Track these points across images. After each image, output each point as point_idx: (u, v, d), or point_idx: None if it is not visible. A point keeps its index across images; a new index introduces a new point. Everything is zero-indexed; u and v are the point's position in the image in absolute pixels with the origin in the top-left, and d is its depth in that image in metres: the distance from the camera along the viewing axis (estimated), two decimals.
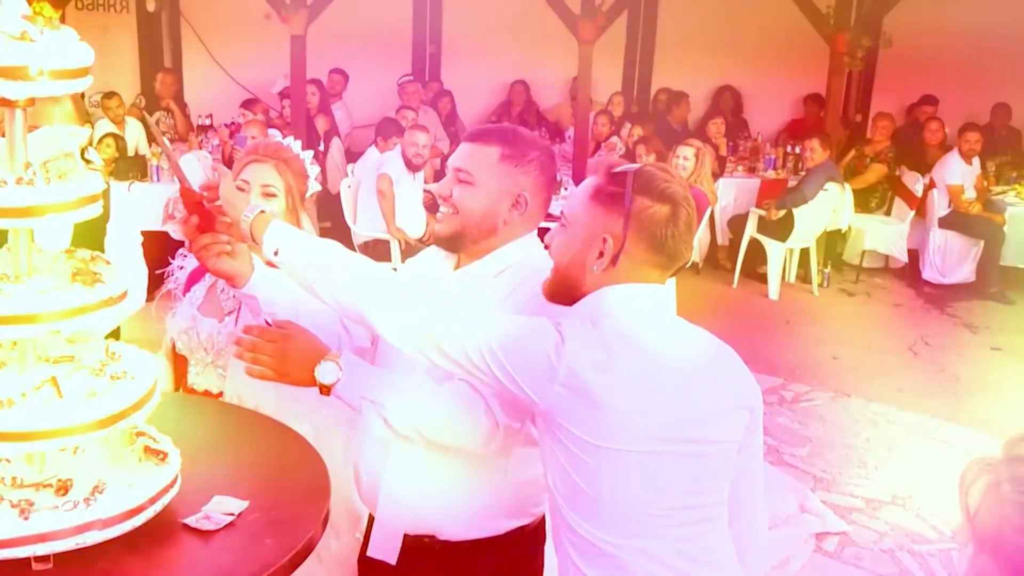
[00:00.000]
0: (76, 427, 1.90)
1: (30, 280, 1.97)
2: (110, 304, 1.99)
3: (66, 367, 2.06)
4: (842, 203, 8.80)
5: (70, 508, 1.92)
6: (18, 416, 1.87)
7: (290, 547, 2.03)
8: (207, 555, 2.03)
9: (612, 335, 1.98)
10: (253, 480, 2.28)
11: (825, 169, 8.51)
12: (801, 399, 6.48)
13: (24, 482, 2.00)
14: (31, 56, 1.83)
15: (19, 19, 1.85)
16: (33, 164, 1.93)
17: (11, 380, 1.99)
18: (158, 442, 2.18)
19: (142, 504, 2.00)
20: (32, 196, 1.88)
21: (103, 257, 2.10)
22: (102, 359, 2.11)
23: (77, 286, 1.94)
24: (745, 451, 2.08)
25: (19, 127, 1.95)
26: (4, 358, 2.07)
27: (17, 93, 1.85)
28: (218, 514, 2.10)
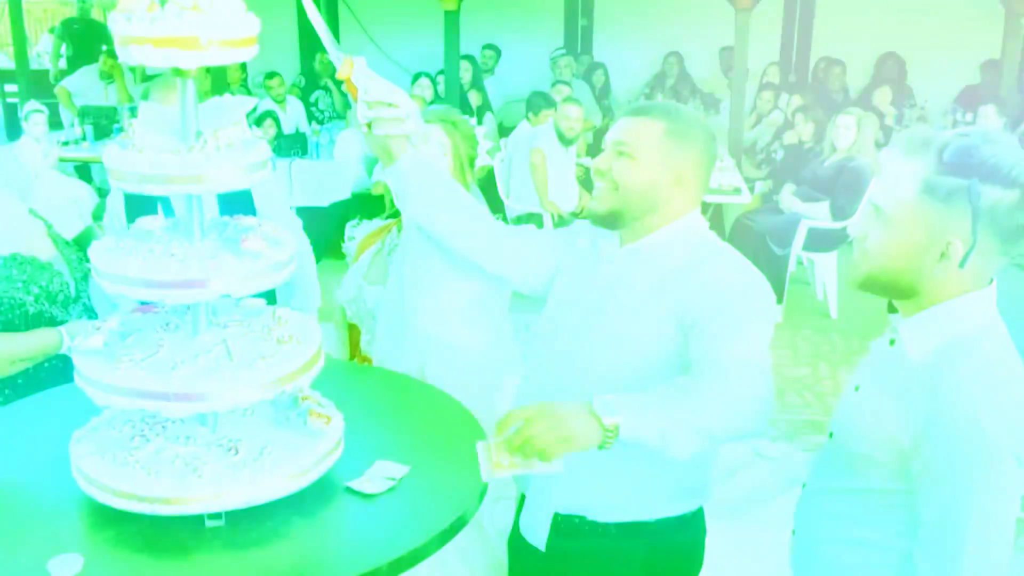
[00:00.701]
0: (245, 389, 1.94)
1: (202, 246, 2.03)
2: (278, 269, 2.03)
3: (236, 331, 2.11)
4: None
5: (240, 467, 1.97)
6: (191, 378, 1.93)
7: (451, 512, 2.04)
8: (369, 517, 2.06)
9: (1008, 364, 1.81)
10: (414, 446, 2.30)
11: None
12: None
13: (198, 441, 2.07)
14: (202, 26, 1.88)
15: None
16: (204, 133, 1.98)
17: (185, 343, 2.06)
18: (323, 406, 2.21)
19: (308, 466, 2.04)
20: (203, 163, 1.93)
21: (270, 223, 2.14)
22: (269, 324, 2.16)
23: (247, 251, 1.99)
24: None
25: (190, 96, 2.00)
26: (178, 322, 2.15)
27: (189, 62, 1.90)
28: (380, 478, 2.13)
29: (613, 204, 2.29)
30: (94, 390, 1.97)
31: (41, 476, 2.15)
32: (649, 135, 2.26)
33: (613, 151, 2.30)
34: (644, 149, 2.26)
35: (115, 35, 1.93)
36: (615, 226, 2.33)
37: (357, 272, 2.94)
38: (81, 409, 2.16)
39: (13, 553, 1.90)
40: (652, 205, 2.28)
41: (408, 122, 2.33)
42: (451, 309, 2.58)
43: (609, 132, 2.35)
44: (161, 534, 1.94)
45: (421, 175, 2.40)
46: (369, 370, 2.73)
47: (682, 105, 2.43)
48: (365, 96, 2.28)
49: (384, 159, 2.40)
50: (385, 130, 2.33)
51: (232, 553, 1.92)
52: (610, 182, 2.28)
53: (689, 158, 2.28)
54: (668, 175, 2.26)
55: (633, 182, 2.26)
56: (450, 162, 2.79)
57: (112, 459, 2.00)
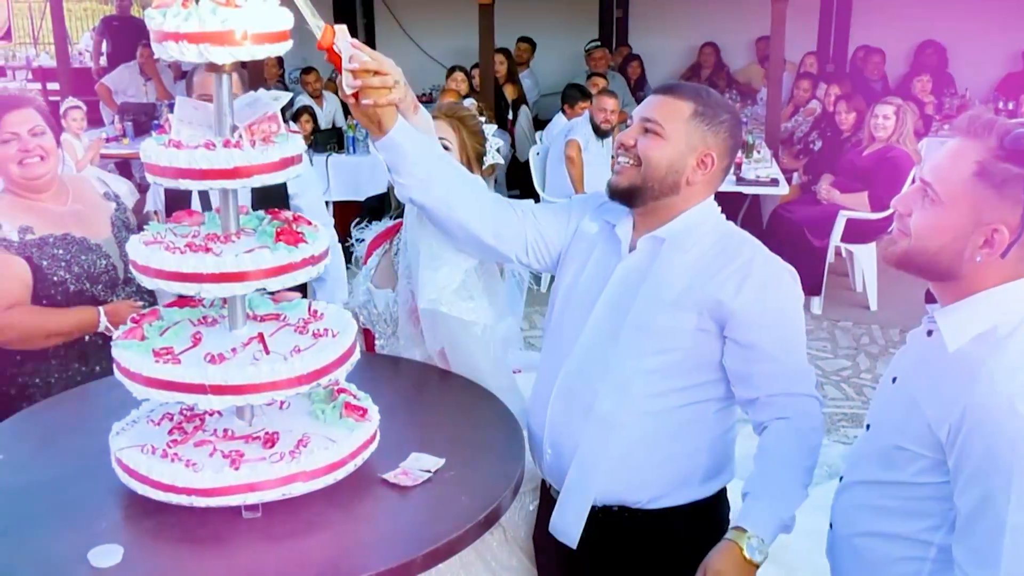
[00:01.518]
0: (282, 382, 1.96)
1: (238, 240, 2.04)
2: (313, 263, 2.04)
3: (272, 324, 2.13)
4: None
5: (277, 460, 1.99)
6: (228, 371, 1.95)
7: (485, 505, 2.05)
8: (404, 510, 2.07)
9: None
10: (449, 438, 2.30)
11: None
12: None
13: (235, 434, 2.09)
14: (237, 21, 1.89)
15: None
16: (239, 127, 2.00)
17: (221, 337, 2.07)
18: (358, 399, 2.23)
19: (344, 458, 2.06)
20: (239, 158, 1.94)
21: (305, 218, 2.16)
22: (305, 317, 2.17)
23: (281, 246, 2.00)
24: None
25: (226, 91, 2.02)
26: (215, 315, 2.16)
27: (224, 58, 1.91)
28: (415, 470, 2.14)
29: (635, 180, 2.28)
30: (133, 383, 2.00)
31: (81, 468, 2.18)
32: (678, 114, 2.26)
33: (640, 127, 2.29)
34: (672, 128, 2.25)
35: (151, 31, 1.95)
36: (633, 203, 2.31)
37: (365, 276, 2.93)
38: (120, 402, 2.19)
39: (55, 543, 1.93)
40: (673, 186, 2.27)
41: (396, 90, 2.22)
42: (450, 285, 2.55)
43: (638, 108, 2.34)
44: (199, 525, 1.97)
45: (413, 145, 2.28)
46: (403, 364, 2.73)
47: (712, 89, 2.39)
48: (349, 65, 2.16)
49: (373, 131, 2.27)
50: (373, 99, 2.19)
51: (268, 544, 1.94)
52: (634, 157, 2.27)
53: (716, 142, 2.27)
54: (693, 156, 2.26)
55: (658, 160, 2.25)
56: (458, 157, 2.74)
57: (151, 452, 2.03)
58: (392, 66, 2.21)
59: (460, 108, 2.88)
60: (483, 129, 2.84)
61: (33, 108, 3.09)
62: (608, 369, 2.27)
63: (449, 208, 2.36)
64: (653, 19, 11.63)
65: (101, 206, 3.24)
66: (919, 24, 10.68)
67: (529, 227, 2.45)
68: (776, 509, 2.15)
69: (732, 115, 2.33)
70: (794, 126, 9.20)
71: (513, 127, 9.43)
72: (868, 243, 7.05)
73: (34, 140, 3.04)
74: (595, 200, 2.48)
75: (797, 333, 2.29)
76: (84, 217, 3.15)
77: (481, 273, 2.61)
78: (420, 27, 11.86)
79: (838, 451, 4.73)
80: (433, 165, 2.32)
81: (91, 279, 3.07)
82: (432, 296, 2.53)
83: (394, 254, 2.86)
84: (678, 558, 2.33)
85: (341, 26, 2.18)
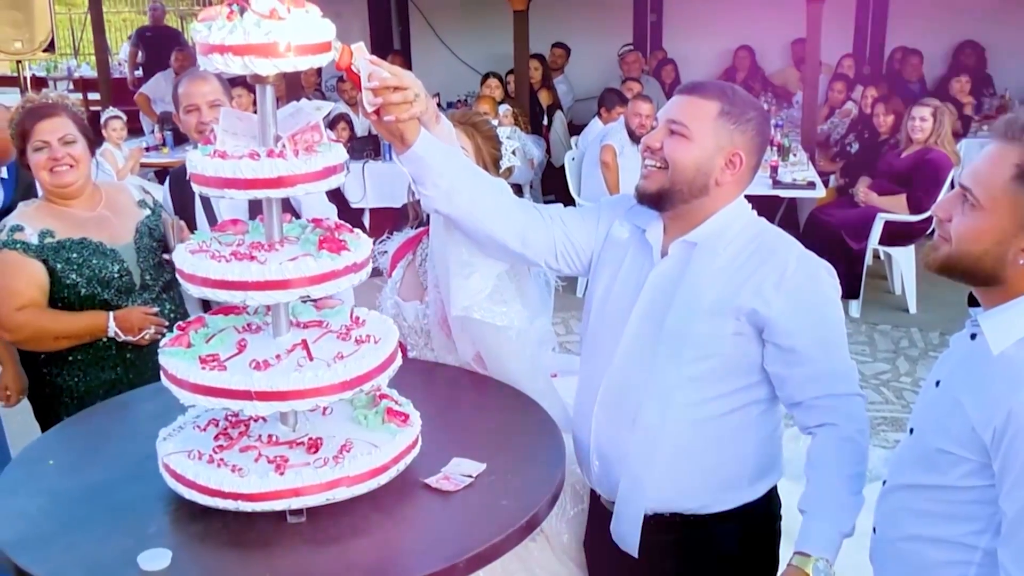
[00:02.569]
0: (325, 388, 1.98)
1: (282, 248, 2.07)
2: (355, 271, 2.07)
3: (315, 331, 2.16)
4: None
5: (321, 465, 2.02)
6: (272, 377, 1.97)
7: (527, 510, 2.06)
8: (447, 514, 2.09)
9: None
10: (489, 443, 2.32)
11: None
12: None
13: (279, 440, 2.12)
14: (280, 33, 1.92)
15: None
16: (282, 137, 2.03)
17: (266, 343, 2.10)
18: (400, 405, 2.25)
19: (386, 464, 2.08)
20: (283, 167, 1.97)
21: (347, 226, 2.18)
22: (347, 323, 2.20)
23: (324, 254, 2.03)
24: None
25: (269, 102, 2.05)
26: (259, 323, 2.20)
27: (268, 69, 1.94)
28: (457, 475, 2.16)
29: (663, 184, 2.25)
30: (180, 390, 2.03)
31: (130, 473, 2.22)
32: (704, 114, 2.23)
33: (665, 128, 2.26)
34: (698, 128, 2.22)
35: (196, 44, 1.99)
36: (663, 207, 2.29)
37: (392, 288, 2.94)
38: (166, 407, 2.23)
39: (105, 547, 1.97)
40: (703, 187, 2.25)
41: (417, 104, 2.21)
42: (483, 290, 2.54)
43: (662, 109, 2.31)
44: (245, 529, 2.00)
45: (436, 157, 2.27)
46: (443, 369, 2.75)
47: (737, 86, 2.36)
48: (368, 84, 2.16)
49: (396, 145, 2.26)
50: (394, 114, 2.18)
51: (313, 548, 1.97)
52: (660, 160, 2.25)
53: (743, 140, 2.24)
54: (721, 157, 2.23)
55: (685, 162, 2.22)
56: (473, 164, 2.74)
57: (197, 457, 2.06)
58: (412, 79, 2.21)
59: (473, 114, 2.89)
60: (497, 134, 2.85)
61: (66, 116, 3.15)
62: (649, 379, 2.27)
63: (474, 217, 2.36)
64: (688, 23, 11.59)
65: (131, 213, 3.28)
66: (957, 24, 10.57)
67: (557, 232, 2.44)
68: (836, 525, 2.17)
69: (759, 112, 2.30)
70: (830, 128, 9.14)
71: (548, 132, 9.44)
72: (907, 246, 6.99)
73: (64, 149, 3.11)
74: (624, 203, 2.45)
75: (837, 332, 2.27)
76: (107, 223, 3.21)
77: (512, 276, 2.61)
78: (455, 34, 11.90)
79: (878, 455, 4.69)
80: (457, 175, 2.32)
81: (102, 283, 3.11)
82: (466, 303, 2.53)
83: (419, 264, 2.86)
84: (732, 560, 2.36)
85: (359, 44, 2.19)
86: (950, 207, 1.86)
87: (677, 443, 2.26)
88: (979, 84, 9.96)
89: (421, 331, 2.85)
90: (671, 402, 2.25)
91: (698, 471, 2.29)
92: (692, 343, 2.23)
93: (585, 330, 2.50)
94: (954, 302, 3.50)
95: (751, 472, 2.34)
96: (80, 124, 3.19)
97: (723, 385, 2.26)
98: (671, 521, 2.34)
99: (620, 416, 2.33)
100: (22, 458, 2.38)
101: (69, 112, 3.19)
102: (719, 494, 2.32)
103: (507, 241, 2.40)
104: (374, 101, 2.17)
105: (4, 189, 3.63)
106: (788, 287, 2.19)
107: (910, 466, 2.00)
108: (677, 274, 2.27)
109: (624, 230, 2.41)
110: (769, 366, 2.25)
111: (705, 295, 2.22)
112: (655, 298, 2.29)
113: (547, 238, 2.43)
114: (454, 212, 2.35)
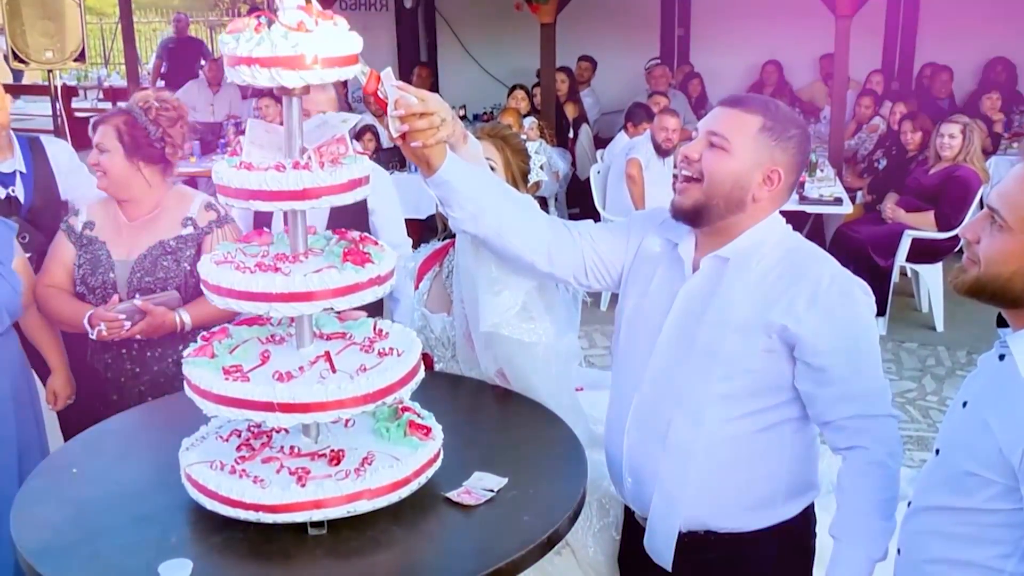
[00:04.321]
0: (347, 400, 1.98)
1: (306, 260, 2.08)
2: (379, 283, 2.07)
3: (338, 343, 2.16)
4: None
5: (342, 478, 2.02)
6: (295, 389, 1.98)
7: (548, 525, 2.05)
8: (468, 528, 2.08)
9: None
10: (511, 458, 2.31)
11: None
12: None
13: (301, 451, 2.12)
14: (307, 45, 1.93)
15: (296, 10, 1.95)
16: (308, 149, 2.03)
17: (289, 355, 2.11)
18: (422, 418, 2.25)
19: (408, 477, 2.07)
20: (308, 179, 1.98)
21: (371, 238, 2.18)
22: (371, 336, 2.20)
23: (349, 266, 2.03)
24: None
25: (296, 114, 2.06)
26: (282, 334, 2.20)
27: (294, 81, 1.95)
28: (478, 489, 2.15)
29: (698, 199, 2.22)
30: (203, 400, 2.04)
31: (152, 483, 2.23)
32: (745, 128, 2.20)
33: (705, 140, 2.23)
34: (738, 142, 2.19)
35: (224, 56, 2.00)
36: (699, 223, 2.26)
37: (418, 301, 2.93)
38: (190, 418, 2.23)
39: (126, 557, 1.97)
40: (740, 202, 2.22)
41: (443, 128, 2.20)
42: (512, 307, 2.54)
43: (703, 120, 2.28)
44: (266, 541, 2.00)
45: (462, 180, 2.27)
46: (466, 383, 2.74)
47: (780, 102, 2.33)
48: (395, 112, 2.16)
49: (423, 168, 2.26)
50: (421, 140, 2.18)
51: (333, 561, 1.97)
52: (696, 172, 2.22)
53: (784, 157, 2.21)
54: (759, 172, 2.20)
55: (722, 176, 2.19)
56: (503, 177, 2.72)
57: (219, 468, 2.06)
58: (438, 104, 2.20)
59: (503, 128, 2.88)
60: (527, 147, 2.84)
61: (111, 126, 3.24)
62: (680, 396, 2.25)
63: (502, 238, 2.35)
64: (715, 37, 11.57)
65: (162, 231, 3.29)
66: (987, 41, 10.50)
67: (586, 248, 2.42)
68: (868, 552, 2.16)
69: (801, 129, 2.26)
70: (857, 144, 9.10)
71: (574, 146, 9.44)
72: (934, 263, 6.93)
73: (98, 156, 3.24)
74: (657, 217, 2.43)
75: (869, 352, 2.23)
76: (129, 235, 3.29)
77: (541, 292, 2.60)
78: (481, 46, 11.93)
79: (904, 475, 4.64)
80: (484, 197, 2.31)
81: (89, 289, 3.27)
82: (495, 320, 2.52)
83: (445, 277, 2.86)
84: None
85: (387, 70, 2.20)
86: (978, 229, 1.84)
87: (709, 461, 2.24)
88: (1010, 101, 9.89)
89: (448, 343, 2.85)
90: (702, 420, 2.23)
91: (731, 489, 2.27)
92: (723, 360, 2.20)
93: (616, 345, 2.48)
94: (982, 321, 3.46)
95: (785, 490, 2.31)
96: (125, 132, 3.23)
97: (755, 403, 2.23)
98: (705, 539, 2.32)
99: (651, 433, 2.31)
100: (46, 467, 2.39)
101: (124, 119, 3.25)
102: (752, 513, 2.30)
103: (535, 261, 2.39)
104: (400, 128, 2.18)
105: (25, 185, 3.73)
106: (821, 305, 2.16)
107: (936, 488, 1.98)
108: (708, 290, 2.25)
109: (656, 244, 2.39)
110: (800, 384, 2.22)
111: (736, 311, 2.19)
112: (686, 313, 2.27)
113: (575, 255, 2.42)
114: (482, 233, 2.35)
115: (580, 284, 2.50)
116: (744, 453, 2.25)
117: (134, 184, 3.27)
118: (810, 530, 2.42)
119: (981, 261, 1.83)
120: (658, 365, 2.30)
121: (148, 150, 3.26)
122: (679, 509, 2.28)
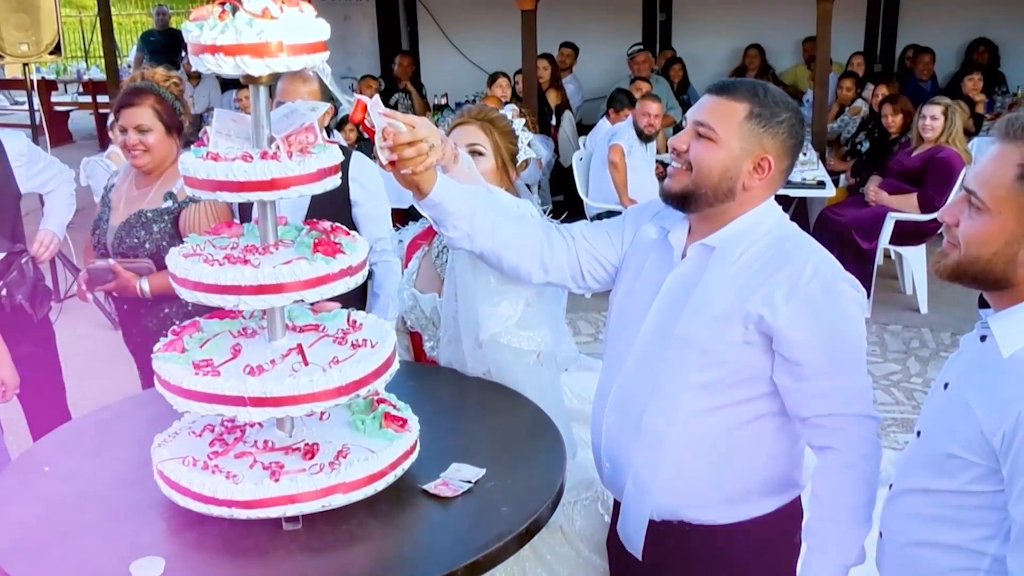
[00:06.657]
0: (320, 393, 1.95)
1: (276, 252, 2.04)
2: (351, 274, 2.03)
3: (311, 335, 2.13)
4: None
5: (317, 471, 1.98)
6: (267, 382, 1.94)
7: (527, 515, 2.02)
8: (445, 520, 2.06)
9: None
10: (489, 448, 2.29)
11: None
12: None
13: (275, 446, 2.09)
14: (272, 32, 1.89)
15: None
16: (276, 138, 2.00)
17: (261, 348, 2.08)
18: (398, 409, 2.22)
19: (384, 469, 2.05)
20: (276, 169, 1.94)
21: (343, 228, 2.15)
22: (344, 327, 2.17)
23: (319, 256, 1.99)
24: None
25: (263, 103, 2.02)
26: (254, 327, 2.17)
27: (260, 69, 1.91)
28: (456, 481, 2.12)
29: (687, 185, 2.18)
30: (173, 396, 2.01)
31: (125, 480, 2.20)
32: (731, 117, 2.15)
33: (692, 131, 2.19)
34: (725, 131, 2.15)
35: (188, 44, 1.96)
36: (688, 209, 2.23)
37: (408, 280, 2.91)
38: (163, 414, 2.20)
39: (98, 555, 1.94)
40: (729, 191, 2.18)
41: (432, 154, 2.21)
42: (512, 316, 2.54)
43: (691, 110, 2.24)
44: (240, 537, 1.97)
45: (453, 202, 2.29)
46: (443, 373, 2.72)
47: (771, 85, 2.26)
48: (383, 143, 2.17)
49: (415, 192, 2.27)
50: (410, 167, 2.19)
51: (309, 556, 1.93)
52: (685, 163, 2.19)
53: (773, 144, 2.16)
54: (749, 161, 2.16)
55: (710, 165, 2.16)
56: (492, 161, 2.72)
57: (192, 464, 2.03)
58: (427, 129, 2.21)
59: (489, 110, 2.86)
60: (514, 128, 2.82)
61: (147, 105, 3.42)
62: (657, 384, 2.22)
63: (497, 255, 2.37)
64: (697, 22, 11.56)
65: (147, 202, 3.46)
66: (969, 22, 10.51)
67: (581, 251, 2.41)
68: (841, 558, 2.14)
69: (792, 113, 2.20)
70: (840, 127, 9.09)
71: (557, 132, 9.41)
72: (917, 245, 6.94)
73: (137, 136, 3.40)
74: (653, 207, 2.39)
75: (850, 349, 2.17)
76: (127, 202, 3.49)
77: (539, 299, 2.60)
78: (463, 34, 11.88)
79: (888, 457, 4.63)
80: (476, 216, 2.32)
81: (96, 244, 3.53)
82: (496, 330, 2.53)
83: (435, 256, 2.84)
84: (744, 573, 2.31)
85: (375, 99, 2.20)
86: (956, 212, 1.82)
87: (682, 450, 2.21)
88: (992, 82, 9.90)
89: (439, 321, 2.82)
90: (677, 408, 2.20)
91: (704, 481, 2.23)
92: (699, 349, 2.16)
93: (607, 332, 2.47)
94: (966, 302, 3.46)
95: (762, 487, 2.27)
96: (161, 110, 3.43)
97: (732, 394, 2.19)
98: (679, 529, 2.29)
99: (627, 420, 2.29)
100: (17, 465, 2.35)
101: (155, 98, 3.43)
102: (726, 506, 2.26)
103: (531, 273, 2.41)
104: (389, 156, 2.19)
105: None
106: (800, 296, 2.10)
107: (918, 470, 1.96)
108: (693, 278, 2.21)
109: (652, 231, 2.36)
110: (777, 378, 2.17)
111: (716, 300, 2.16)
112: (670, 301, 2.24)
113: (570, 261, 2.42)
114: (477, 250, 2.37)
115: (579, 287, 2.49)
116: (721, 445, 2.21)
117: (170, 157, 3.45)
118: (794, 527, 2.36)
119: (961, 244, 1.81)
120: (639, 351, 2.28)
121: (178, 123, 3.49)
122: (650, 497, 2.25)
